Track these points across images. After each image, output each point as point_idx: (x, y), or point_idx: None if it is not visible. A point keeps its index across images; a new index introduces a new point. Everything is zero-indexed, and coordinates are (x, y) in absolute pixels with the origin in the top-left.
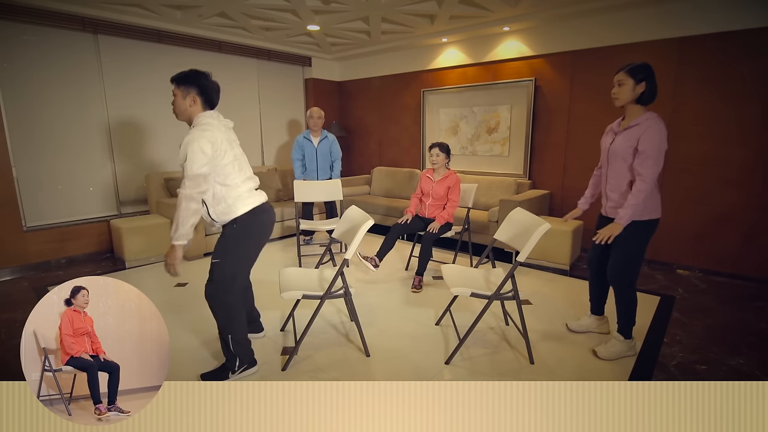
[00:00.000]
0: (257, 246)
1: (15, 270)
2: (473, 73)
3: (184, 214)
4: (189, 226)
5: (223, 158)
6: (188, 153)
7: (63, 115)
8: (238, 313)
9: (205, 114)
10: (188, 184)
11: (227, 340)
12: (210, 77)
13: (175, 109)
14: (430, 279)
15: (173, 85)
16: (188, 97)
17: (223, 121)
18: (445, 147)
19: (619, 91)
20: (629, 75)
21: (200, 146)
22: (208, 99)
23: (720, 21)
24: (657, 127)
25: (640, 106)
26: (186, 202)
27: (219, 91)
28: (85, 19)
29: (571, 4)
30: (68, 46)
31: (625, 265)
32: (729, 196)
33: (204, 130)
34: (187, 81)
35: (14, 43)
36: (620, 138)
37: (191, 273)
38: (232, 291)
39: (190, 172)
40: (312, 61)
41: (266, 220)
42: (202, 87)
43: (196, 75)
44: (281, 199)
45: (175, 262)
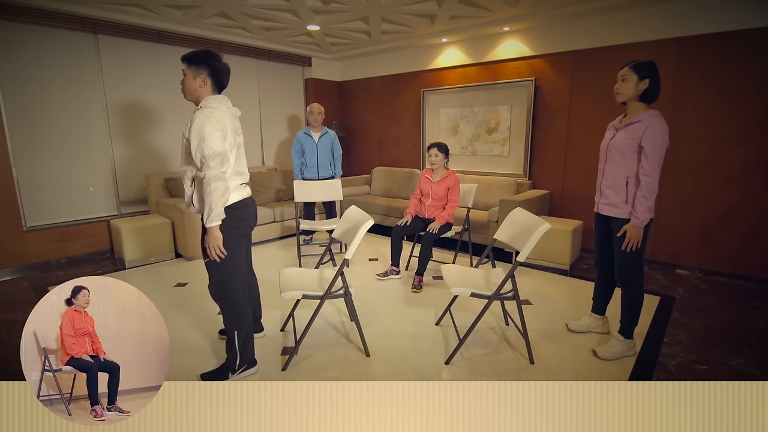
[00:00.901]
0: (240, 237)
1: (15, 270)
2: (473, 73)
3: (216, 194)
4: (221, 206)
5: (229, 140)
6: (205, 134)
7: (63, 115)
8: (245, 309)
9: (214, 97)
10: (212, 165)
11: (233, 336)
12: (221, 59)
13: (183, 89)
14: (430, 279)
15: (184, 64)
16: (198, 77)
17: (231, 108)
18: (444, 147)
19: (622, 87)
20: (633, 71)
21: (214, 126)
22: (218, 81)
23: (720, 21)
24: (659, 123)
25: (642, 104)
26: (215, 182)
27: (229, 73)
28: (85, 19)
29: (572, 4)
30: (68, 46)
31: (629, 268)
32: (729, 196)
33: (212, 112)
34: (198, 61)
35: (14, 43)
36: (621, 134)
37: (191, 273)
38: (233, 286)
39: (211, 151)
40: (312, 61)
41: (244, 214)
42: (213, 68)
43: (209, 56)
44: (281, 199)
45: (216, 243)
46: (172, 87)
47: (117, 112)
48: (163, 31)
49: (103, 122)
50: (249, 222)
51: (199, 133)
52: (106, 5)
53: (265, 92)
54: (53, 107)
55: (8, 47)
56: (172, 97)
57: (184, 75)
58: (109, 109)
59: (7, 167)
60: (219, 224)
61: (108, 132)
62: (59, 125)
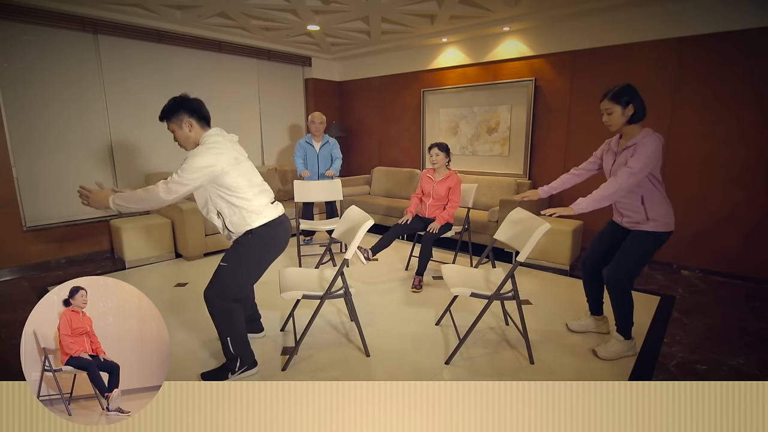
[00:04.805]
0: (270, 258)
1: (15, 270)
2: (473, 73)
3: (145, 201)
4: (132, 208)
5: (232, 174)
6: (188, 158)
7: (63, 115)
8: (238, 314)
9: (209, 133)
10: (170, 186)
11: (226, 342)
12: (189, 96)
13: (180, 142)
14: (430, 279)
15: (165, 122)
16: (184, 124)
17: (227, 136)
18: (445, 147)
19: (611, 119)
20: (614, 101)
21: (202, 160)
22: (201, 116)
23: (720, 21)
24: (650, 139)
25: (634, 125)
26: (155, 194)
27: (204, 105)
28: (85, 19)
29: (571, 4)
30: (68, 46)
31: (626, 270)
32: (729, 195)
33: (210, 148)
34: (174, 110)
35: (14, 43)
36: (621, 159)
37: (191, 273)
38: (233, 298)
39: (180, 177)
40: (312, 61)
41: (282, 231)
42: (189, 109)
43: (178, 101)
44: (281, 199)
45: (94, 204)
46: (172, 87)
47: (117, 111)
48: (163, 31)
49: (103, 122)
50: (286, 239)
51: (190, 155)
52: (106, 5)
53: (265, 92)
54: (53, 107)
55: (8, 47)
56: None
57: (173, 132)
58: (108, 109)
59: (7, 167)
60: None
61: (108, 132)
62: (59, 125)
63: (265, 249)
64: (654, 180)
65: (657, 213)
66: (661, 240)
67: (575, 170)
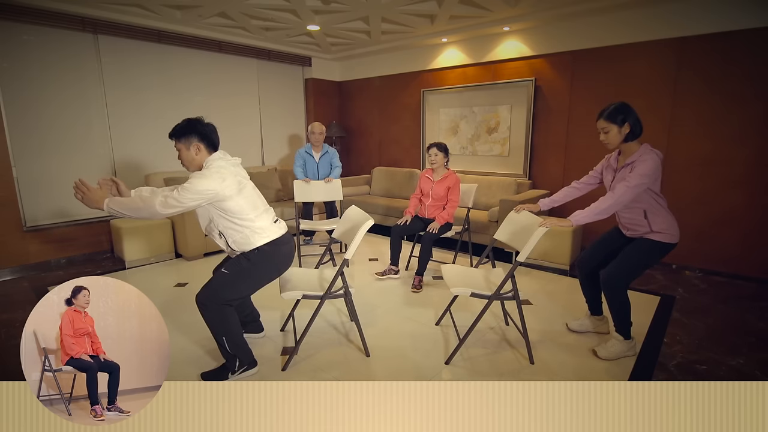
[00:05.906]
0: (272, 276)
1: (15, 270)
2: (473, 73)
3: (140, 211)
4: (124, 215)
5: (235, 199)
6: (192, 179)
7: (63, 114)
8: (231, 314)
9: (213, 157)
10: (168, 201)
11: (222, 342)
12: (204, 121)
13: (183, 163)
14: (430, 279)
15: (173, 140)
16: (192, 146)
17: (230, 160)
18: (443, 147)
19: (608, 138)
20: (610, 121)
21: (206, 183)
22: (210, 143)
23: (720, 21)
24: (648, 157)
25: (633, 143)
26: (151, 205)
27: (216, 131)
28: (85, 19)
29: (571, 4)
30: (68, 46)
31: (624, 275)
32: (730, 195)
33: (214, 172)
34: (186, 132)
35: (14, 43)
36: (620, 176)
37: (191, 273)
38: (226, 303)
39: (180, 195)
40: (312, 61)
41: (287, 251)
42: (201, 133)
43: (192, 123)
44: (281, 199)
45: (87, 202)
46: (172, 87)
47: (117, 111)
48: (163, 31)
49: (103, 122)
50: (290, 260)
51: (195, 176)
52: (106, 5)
53: (265, 92)
54: (53, 107)
55: (8, 47)
56: (172, 98)
57: (178, 151)
58: (109, 109)
59: (7, 167)
60: (108, 208)
61: (108, 132)
62: (59, 125)
63: (270, 267)
64: (654, 195)
65: (661, 226)
66: (665, 251)
67: (576, 183)
